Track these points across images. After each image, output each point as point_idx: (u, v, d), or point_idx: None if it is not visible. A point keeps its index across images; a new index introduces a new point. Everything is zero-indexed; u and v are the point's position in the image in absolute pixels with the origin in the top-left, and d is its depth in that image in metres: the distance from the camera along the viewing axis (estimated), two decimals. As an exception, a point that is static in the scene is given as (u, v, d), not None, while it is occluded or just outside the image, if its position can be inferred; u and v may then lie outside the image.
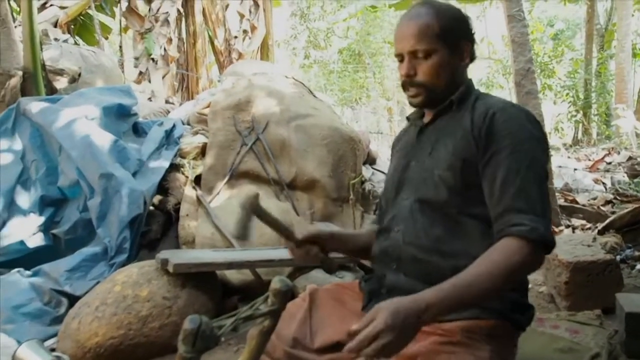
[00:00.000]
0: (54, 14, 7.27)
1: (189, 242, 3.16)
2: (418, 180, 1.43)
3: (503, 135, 1.31)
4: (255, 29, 8.63)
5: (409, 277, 1.37)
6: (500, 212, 1.27)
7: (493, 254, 1.20)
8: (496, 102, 1.41)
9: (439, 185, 1.36)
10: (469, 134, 1.36)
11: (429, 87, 1.43)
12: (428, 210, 1.38)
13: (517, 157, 1.29)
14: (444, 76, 1.43)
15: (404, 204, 1.44)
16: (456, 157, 1.35)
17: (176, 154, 3.59)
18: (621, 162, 7.21)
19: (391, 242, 1.43)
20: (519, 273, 1.22)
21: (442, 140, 1.42)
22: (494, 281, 1.17)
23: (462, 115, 1.41)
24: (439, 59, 1.41)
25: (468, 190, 1.35)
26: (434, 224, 1.36)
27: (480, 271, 1.18)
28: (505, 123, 1.32)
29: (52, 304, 2.77)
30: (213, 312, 2.62)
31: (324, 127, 3.63)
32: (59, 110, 3.33)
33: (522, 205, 1.24)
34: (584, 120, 12.66)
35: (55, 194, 3.27)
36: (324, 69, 18.95)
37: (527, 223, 1.21)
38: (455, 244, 1.34)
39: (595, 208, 5.00)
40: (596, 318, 2.40)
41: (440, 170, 1.37)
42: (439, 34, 1.40)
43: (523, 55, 4.76)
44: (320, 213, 3.46)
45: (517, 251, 1.19)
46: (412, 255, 1.37)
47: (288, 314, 1.37)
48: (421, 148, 1.47)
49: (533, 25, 14.45)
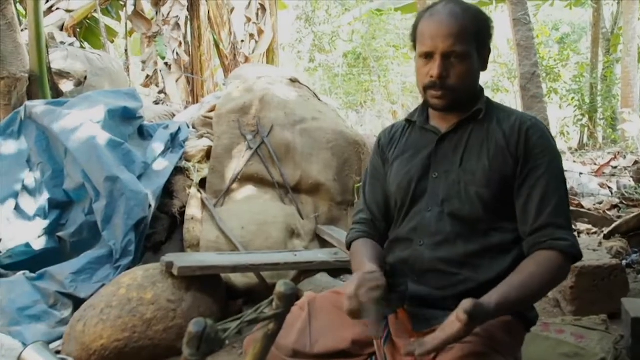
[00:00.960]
0: (60, 17, 7.31)
1: (194, 245, 3.17)
2: (447, 193, 1.39)
3: (539, 152, 1.35)
4: (263, 33, 8.63)
5: (432, 288, 1.36)
6: (539, 226, 1.32)
7: (543, 266, 1.28)
8: (522, 115, 1.44)
9: (475, 202, 1.36)
10: (506, 150, 1.36)
11: (458, 91, 1.38)
12: (460, 225, 1.37)
13: (552, 173, 1.35)
14: (471, 82, 1.41)
15: (427, 215, 1.41)
16: (494, 173, 1.36)
17: (181, 157, 3.60)
18: (627, 167, 7.17)
19: (413, 254, 1.40)
20: (557, 284, 1.33)
21: (474, 153, 1.39)
22: (539, 291, 1.29)
23: (488, 127, 1.40)
24: (471, 64, 1.38)
25: (500, 206, 1.37)
26: (467, 239, 1.37)
27: (531, 281, 1.25)
28: (540, 139, 1.36)
29: (58, 306, 2.78)
30: (218, 315, 2.63)
31: (329, 130, 3.64)
32: (64, 113, 3.34)
33: (562, 222, 1.32)
34: (590, 124, 12.61)
35: (60, 196, 3.28)
36: (329, 73, 18.94)
37: (569, 239, 1.30)
38: (484, 258, 1.36)
39: (601, 212, 4.98)
40: (602, 323, 2.39)
41: (478, 187, 1.36)
42: (475, 38, 1.37)
43: (528, 59, 4.76)
44: (324, 216, 3.46)
45: (560, 264, 1.29)
46: (439, 269, 1.36)
47: (286, 323, 1.36)
48: (445, 158, 1.42)
49: (538, 29, 14.41)
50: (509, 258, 1.35)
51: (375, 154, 1.60)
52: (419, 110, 1.52)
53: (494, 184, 1.35)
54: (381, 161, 1.58)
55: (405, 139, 1.54)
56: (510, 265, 1.34)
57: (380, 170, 1.57)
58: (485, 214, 1.36)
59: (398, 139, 1.56)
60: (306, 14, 18.01)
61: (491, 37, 1.45)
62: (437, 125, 1.47)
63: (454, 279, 1.34)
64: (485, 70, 1.46)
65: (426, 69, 1.37)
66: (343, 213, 3.55)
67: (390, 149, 1.56)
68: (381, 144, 1.60)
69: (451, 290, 1.32)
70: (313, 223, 3.40)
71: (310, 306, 1.44)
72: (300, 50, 18.69)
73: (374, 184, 1.58)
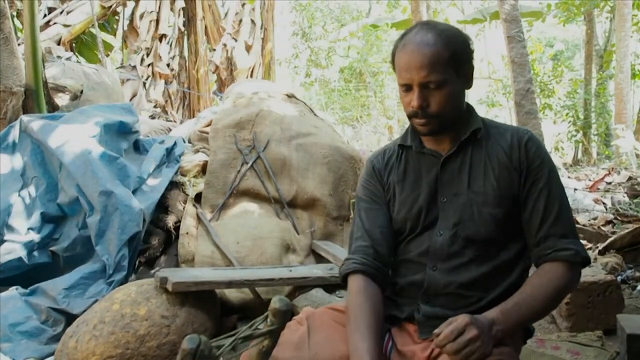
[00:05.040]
0: (58, 32, 7.33)
1: (189, 260, 3.15)
2: (459, 216, 1.39)
3: (538, 164, 1.38)
4: (251, 48, 8.73)
5: (444, 309, 1.37)
6: (542, 237, 1.35)
7: (546, 277, 1.31)
8: (515, 129, 1.46)
9: (489, 223, 1.36)
10: (510, 167, 1.38)
11: (442, 116, 1.38)
12: (473, 247, 1.37)
13: (552, 184, 1.38)
14: (454, 105, 1.40)
15: (439, 240, 1.40)
16: (504, 192, 1.37)
17: (177, 172, 3.59)
18: (621, 182, 7.20)
19: (427, 278, 1.39)
20: (566, 293, 1.36)
21: (479, 174, 1.40)
22: (548, 303, 1.30)
23: (487, 146, 1.42)
24: (450, 88, 1.37)
25: (510, 224, 1.39)
26: (480, 262, 1.37)
27: (539, 293, 1.28)
28: (538, 151, 1.39)
29: (50, 322, 2.75)
30: (212, 331, 2.61)
31: (325, 145, 3.64)
32: (60, 128, 3.34)
33: (563, 231, 1.35)
34: (584, 140, 12.68)
35: (54, 211, 3.26)
36: (325, 88, 19.04)
37: (572, 247, 1.32)
38: (497, 276, 1.38)
39: (596, 228, 4.98)
40: (597, 339, 2.38)
41: (491, 208, 1.37)
42: (449, 62, 1.36)
43: (523, 76, 4.80)
44: (320, 232, 3.45)
45: (566, 274, 1.31)
46: (454, 292, 1.37)
47: (284, 339, 1.35)
48: (451, 181, 1.42)
49: (532, 46, 14.55)
50: (515, 273, 1.39)
51: (371, 179, 1.55)
52: (410, 134, 1.50)
53: (505, 203, 1.37)
54: (380, 186, 1.53)
55: (403, 164, 1.51)
56: (516, 279, 1.38)
57: (380, 194, 1.53)
58: (497, 234, 1.38)
59: (394, 163, 1.53)
60: (302, 29, 18.14)
61: (470, 55, 1.42)
62: (434, 148, 1.45)
63: (467, 300, 1.36)
64: (470, 88, 1.45)
65: (407, 99, 1.38)
66: (339, 228, 3.54)
67: (388, 174, 1.53)
68: (376, 169, 1.55)
69: (463, 310, 1.32)
70: (309, 238, 3.39)
71: (309, 320, 1.43)
72: (296, 65, 18.79)
73: (374, 209, 1.53)
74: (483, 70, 18.73)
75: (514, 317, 1.25)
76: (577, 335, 2.44)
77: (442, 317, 1.32)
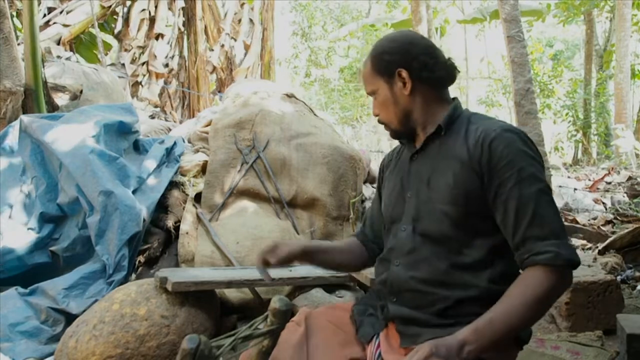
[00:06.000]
0: (57, 31, 7.33)
1: (189, 260, 3.15)
2: (418, 212, 1.41)
3: (505, 164, 1.30)
4: (249, 47, 8.73)
5: (410, 308, 1.36)
6: (519, 242, 1.27)
7: (524, 286, 1.22)
8: (490, 126, 1.37)
9: (443, 220, 1.35)
10: (469, 166, 1.34)
11: (385, 123, 1.50)
12: (431, 243, 1.37)
13: (524, 184, 1.28)
14: (392, 109, 1.46)
15: (402, 235, 1.42)
16: (459, 190, 1.34)
17: (177, 172, 3.59)
18: (621, 182, 7.20)
19: (391, 275, 1.41)
20: (551, 299, 1.24)
21: (440, 170, 1.40)
22: (528, 312, 1.20)
23: (454, 142, 1.39)
24: (380, 97, 1.46)
25: (471, 221, 1.34)
26: (438, 258, 1.35)
27: (514, 304, 1.20)
28: (505, 150, 1.30)
29: (49, 322, 2.75)
30: (212, 331, 2.60)
31: (325, 145, 3.64)
32: (60, 128, 3.34)
33: (540, 232, 1.25)
34: (584, 139, 12.70)
35: (54, 210, 3.26)
36: (325, 87, 19.05)
37: (550, 250, 1.22)
38: (460, 275, 1.33)
39: (596, 228, 4.99)
40: (597, 339, 2.38)
41: (443, 205, 1.35)
42: (373, 74, 1.46)
43: (522, 76, 4.79)
44: (320, 231, 3.45)
45: (545, 280, 1.21)
46: (415, 289, 1.36)
47: (282, 340, 1.35)
48: (416, 178, 1.45)
49: (532, 46, 14.57)
50: (485, 275, 1.31)
51: (380, 173, 1.68)
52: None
53: (459, 200, 1.33)
54: (380, 182, 1.65)
55: (395, 160, 1.59)
56: (488, 283, 1.30)
57: (379, 192, 1.65)
58: (456, 231, 1.34)
59: (391, 160, 1.61)
60: (302, 29, 18.16)
61: (402, 59, 1.44)
62: (412, 145, 1.51)
63: (429, 297, 1.33)
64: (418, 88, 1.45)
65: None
66: (338, 228, 3.54)
67: (386, 170, 1.62)
68: (383, 164, 1.66)
69: (429, 309, 1.32)
70: (308, 238, 3.39)
71: (307, 322, 1.43)
72: (296, 65, 18.81)
73: (373, 207, 1.68)
74: (483, 70, 18.74)
75: (487, 335, 1.17)
76: (577, 335, 2.44)
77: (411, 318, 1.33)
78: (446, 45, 19.06)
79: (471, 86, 19.71)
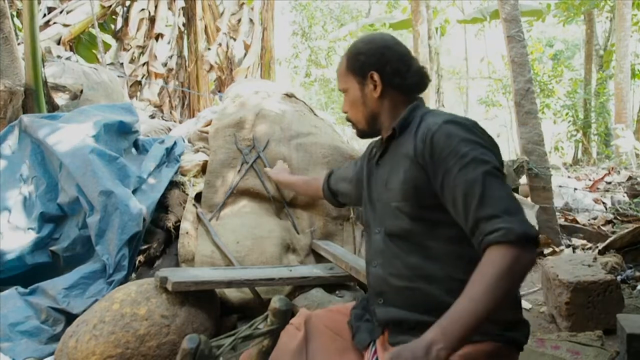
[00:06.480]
0: (58, 31, 7.33)
1: (189, 260, 3.15)
2: (382, 214, 1.46)
3: (447, 153, 1.30)
4: (249, 47, 8.73)
5: (398, 307, 1.37)
6: (472, 226, 1.24)
7: (482, 270, 1.16)
8: (434, 120, 1.38)
9: (399, 216, 1.39)
10: (414, 160, 1.37)
11: (353, 122, 1.57)
12: (397, 241, 1.41)
13: (469, 168, 1.26)
14: (360, 110, 1.52)
15: (376, 238, 1.47)
16: (408, 185, 1.37)
17: (177, 172, 3.59)
18: (621, 182, 7.20)
19: (373, 276, 1.46)
20: (514, 277, 1.16)
21: (394, 170, 1.44)
22: (491, 296, 1.12)
23: (406, 141, 1.43)
24: (351, 95, 1.53)
25: (427, 214, 1.36)
26: (407, 253, 1.38)
27: (477, 290, 1.14)
28: (447, 141, 1.31)
29: (50, 322, 2.75)
30: (212, 331, 2.60)
31: (325, 145, 3.64)
32: (60, 127, 3.34)
33: (490, 211, 1.21)
34: (584, 139, 12.70)
35: (54, 210, 3.26)
36: (325, 87, 19.05)
37: (501, 227, 1.18)
38: (433, 268, 1.34)
39: (596, 228, 4.99)
40: (597, 339, 2.39)
41: (397, 202, 1.39)
42: (346, 72, 1.52)
43: (522, 76, 4.79)
44: (320, 231, 3.45)
45: (502, 258, 1.15)
46: (395, 286, 1.38)
47: (282, 343, 1.36)
48: (379, 181, 1.52)
49: (532, 46, 14.57)
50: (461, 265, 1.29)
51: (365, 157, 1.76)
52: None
53: (409, 196, 1.36)
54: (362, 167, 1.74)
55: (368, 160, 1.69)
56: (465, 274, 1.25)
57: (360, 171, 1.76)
58: (414, 226, 1.36)
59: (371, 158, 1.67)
60: (302, 29, 18.15)
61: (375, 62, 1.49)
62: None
63: (411, 293, 1.35)
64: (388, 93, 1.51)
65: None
66: (339, 228, 3.54)
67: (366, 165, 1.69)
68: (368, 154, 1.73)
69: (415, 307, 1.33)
70: (309, 238, 3.39)
71: (306, 326, 1.44)
72: (296, 65, 18.81)
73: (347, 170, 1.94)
74: (483, 70, 18.73)
75: (455, 330, 1.10)
76: (577, 335, 2.44)
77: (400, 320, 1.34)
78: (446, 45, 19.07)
79: (471, 86, 19.71)
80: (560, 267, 2.94)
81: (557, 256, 3.97)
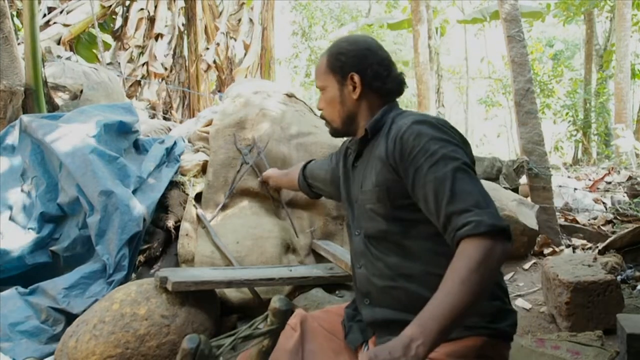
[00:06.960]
0: (58, 31, 7.33)
1: (189, 260, 3.15)
2: (359, 215, 1.48)
3: (415, 153, 1.31)
4: (249, 47, 8.74)
5: (383, 307, 1.38)
6: (444, 222, 1.24)
7: (455, 263, 1.16)
8: (403, 120, 1.40)
9: (375, 218, 1.41)
10: (385, 162, 1.39)
11: (327, 120, 1.58)
12: (375, 241, 1.43)
13: (438, 166, 1.27)
14: (337, 109, 1.52)
15: (356, 240, 1.50)
16: (380, 187, 1.39)
17: (177, 172, 3.59)
18: (621, 182, 7.20)
19: (357, 278, 1.49)
20: (487, 269, 1.14)
21: (368, 173, 1.46)
22: (466, 289, 1.11)
23: (379, 144, 1.45)
24: (328, 94, 1.52)
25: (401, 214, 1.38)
26: (387, 253, 1.40)
27: (452, 284, 1.13)
28: (414, 141, 1.32)
29: (50, 322, 2.75)
30: (211, 331, 2.61)
31: (325, 145, 3.64)
32: (60, 127, 3.34)
33: (461, 206, 1.21)
34: (584, 139, 12.70)
35: (54, 210, 3.26)
36: (325, 87, 19.03)
37: (471, 220, 1.18)
38: (413, 266, 1.35)
39: (596, 228, 4.99)
40: (597, 339, 2.38)
41: (371, 204, 1.41)
42: (327, 71, 1.52)
43: (523, 76, 4.79)
44: (320, 231, 3.45)
45: (474, 250, 1.15)
46: (379, 286, 1.39)
47: (279, 344, 1.37)
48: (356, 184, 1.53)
49: (532, 46, 14.57)
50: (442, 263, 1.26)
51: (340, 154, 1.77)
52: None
53: (382, 197, 1.38)
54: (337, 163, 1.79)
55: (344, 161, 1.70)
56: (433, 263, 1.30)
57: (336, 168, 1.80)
58: (390, 226, 1.37)
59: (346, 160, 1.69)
60: (302, 29, 18.15)
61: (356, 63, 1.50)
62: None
63: (398, 292, 1.36)
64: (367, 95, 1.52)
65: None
66: (339, 228, 3.54)
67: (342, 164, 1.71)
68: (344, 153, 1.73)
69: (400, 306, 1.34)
70: (308, 238, 3.39)
71: (302, 327, 1.45)
72: (296, 65, 18.81)
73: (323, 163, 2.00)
74: (483, 70, 18.72)
75: (433, 326, 1.08)
76: (577, 335, 2.44)
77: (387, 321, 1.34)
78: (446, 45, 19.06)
79: (471, 86, 19.71)
80: (560, 267, 2.94)
81: (557, 256, 3.96)
